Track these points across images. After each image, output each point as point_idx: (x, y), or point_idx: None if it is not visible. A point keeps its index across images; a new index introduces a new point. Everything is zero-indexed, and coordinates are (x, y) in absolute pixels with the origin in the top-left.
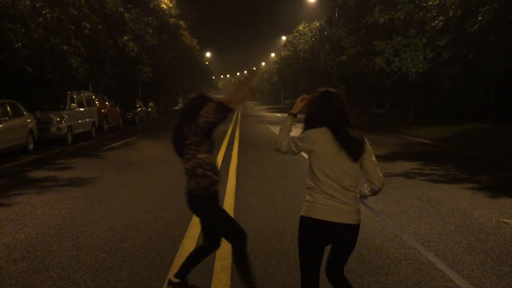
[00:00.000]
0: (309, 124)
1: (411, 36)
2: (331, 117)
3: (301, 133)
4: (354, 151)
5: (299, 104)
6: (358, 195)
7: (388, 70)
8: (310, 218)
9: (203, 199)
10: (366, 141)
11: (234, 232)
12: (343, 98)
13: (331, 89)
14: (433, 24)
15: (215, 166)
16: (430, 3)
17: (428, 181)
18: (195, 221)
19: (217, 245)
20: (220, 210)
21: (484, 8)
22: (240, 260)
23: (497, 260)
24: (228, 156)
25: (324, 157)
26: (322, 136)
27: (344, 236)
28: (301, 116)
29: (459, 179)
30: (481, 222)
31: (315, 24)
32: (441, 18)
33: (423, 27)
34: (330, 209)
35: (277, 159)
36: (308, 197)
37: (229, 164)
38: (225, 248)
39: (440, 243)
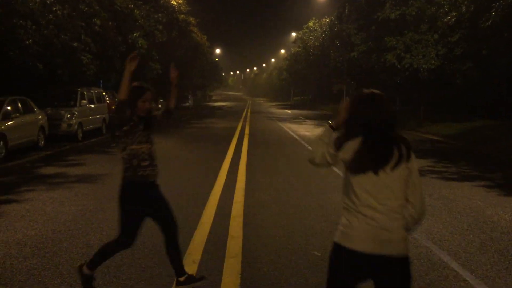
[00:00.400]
0: (349, 129)
1: (423, 32)
2: (376, 124)
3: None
4: (395, 161)
5: (342, 113)
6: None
7: (399, 66)
8: (344, 248)
9: (129, 188)
10: (413, 156)
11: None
12: (390, 104)
13: (378, 91)
14: (445, 19)
15: (152, 157)
16: None
17: (440, 179)
18: (204, 220)
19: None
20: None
21: (498, 3)
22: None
23: None
24: (238, 152)
25: None
26: (363, 145)
27: (388, 272)
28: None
29: (471, 176)
30: (494, 220)
31: (325, 20)
32: (454, 13)
33: (435, 23)
34: (370, 236)
35: (287, 156)
36: (343, 219)
37: (239, 161)
38: (235, 247)
39: (453, 242)
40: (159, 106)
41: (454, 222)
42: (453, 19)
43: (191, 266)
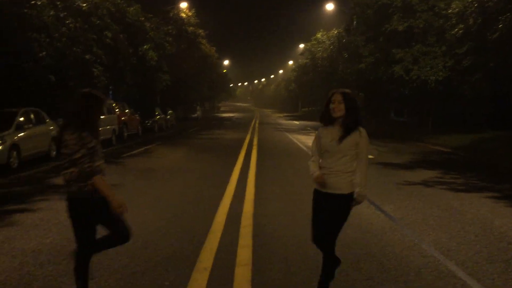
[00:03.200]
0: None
1: (430, 44)
2: None
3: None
4: None
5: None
6: None
7: (407, 78)
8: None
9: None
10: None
11: None
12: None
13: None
14: (452, 32)
15: None
16: (450, 11)
17: (448, 190)
18: (215, 228)
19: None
20: None
21: (505, 16)
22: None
23: None
24: (247, 163)
25: None
26: None
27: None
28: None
29: (479, 188)
30: (502, 231)
31: (333, 32)
32: (461, 26)
33: (443, 35)
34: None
35: (295, 167)
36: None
37: (248, 172)
38: (246, 255)
39: (460, 252)
40: (168, 117)
41: (461, 233)
42: (460, 31)
43: (202, 273)
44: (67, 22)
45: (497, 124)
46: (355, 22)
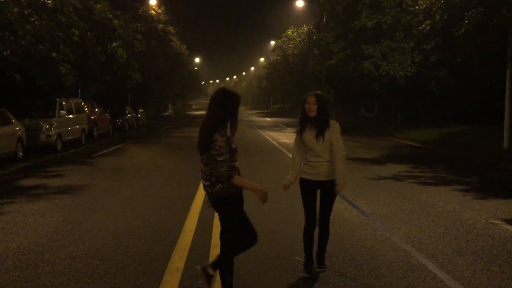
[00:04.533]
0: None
1: (399, 40)
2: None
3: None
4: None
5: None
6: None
7: (376, 74)
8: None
9: None
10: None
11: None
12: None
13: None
14: (420, 28)
15: None
16: (417, 7)
17: (418, 184)
18: (187, 228)
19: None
20: None
21: (470, 12)
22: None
23: (487, 260)
24: None
25: None
26: None
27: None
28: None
29: (448, 181)
30: (470, 223)
31: (304, 29)
32: (428, 22)
33: (410, 31)
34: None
35: (268, 164)
36: None
37: None
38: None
39: (431, 245)
40: (139, 115)
41: (431, 226)
42: (427, 27)
43: (174, 274)
44: (32, 19)
45: (466, 118)
46: (325, 19)
